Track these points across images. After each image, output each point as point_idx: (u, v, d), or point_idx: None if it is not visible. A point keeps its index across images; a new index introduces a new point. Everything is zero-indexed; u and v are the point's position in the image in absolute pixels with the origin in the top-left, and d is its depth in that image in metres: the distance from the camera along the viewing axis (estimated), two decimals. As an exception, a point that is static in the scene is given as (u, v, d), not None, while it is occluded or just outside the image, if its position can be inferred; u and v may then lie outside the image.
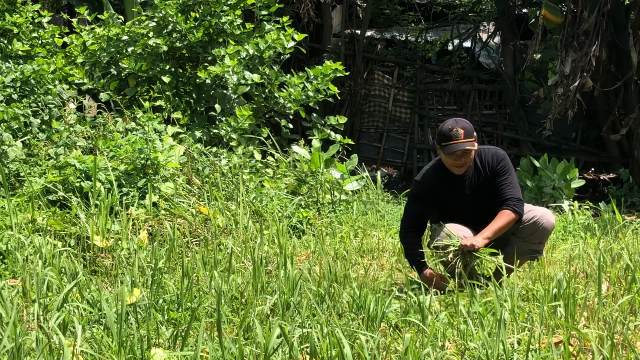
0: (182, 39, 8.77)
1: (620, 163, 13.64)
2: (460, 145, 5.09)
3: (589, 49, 11.59)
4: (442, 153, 5.18)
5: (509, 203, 5.16)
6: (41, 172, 6.89)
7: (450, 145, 5.10)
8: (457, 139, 5.09)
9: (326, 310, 4.41)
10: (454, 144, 5.10)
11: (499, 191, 5.23)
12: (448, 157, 5.16)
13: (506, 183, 5.25)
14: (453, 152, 5.10)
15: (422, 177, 5.34)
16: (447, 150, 5.12)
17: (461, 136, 5.09)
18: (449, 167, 5.24)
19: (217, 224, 6.69)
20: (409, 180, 15.11)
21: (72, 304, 4.48)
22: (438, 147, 5.21)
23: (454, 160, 5.17)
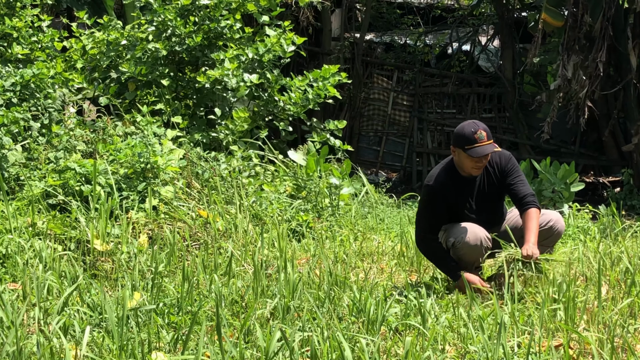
0: (181, 43, 8.78)
1: (619, 166, 13.64)
2: (488, 147, 5.09)
3: (595, 54, 11.60)
4: (463, 156, 5.14)
5: (530, 200, 5.20)
6: (41, 175, 6.89)
7: (475, 148, 5.07)
8: (481, 141, 5.07)
9: (326, 314, 4.42)
10: (479, 146, 5.07)
11: (515, 190, 5.28)
12: (470, 159, 5.14)
13: (519, 181, 5.30)
14: (481, 155, 5.08)
15: (434, 181, 5.27)
16: (473, 153, 5.08)
17: (485, 138, 5.09)
18: (468, 169, 5.22)
19: (217, 227, 6.69)
20: (408, 184, 15.13)
21: (73, 308, 4.48)
22: (458, 149, 5.16)
23: (475, 162, 5.16)
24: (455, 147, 5.18)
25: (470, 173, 5.25)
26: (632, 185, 12.29)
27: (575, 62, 11.63)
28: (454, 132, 5.25)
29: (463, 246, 5.19)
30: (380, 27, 17.17)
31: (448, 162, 5.34)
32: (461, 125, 5.24)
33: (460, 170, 5.27)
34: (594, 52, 11.65)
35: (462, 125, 5.22)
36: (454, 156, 5.25)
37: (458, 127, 5.23)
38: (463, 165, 5.22)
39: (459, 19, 16.50)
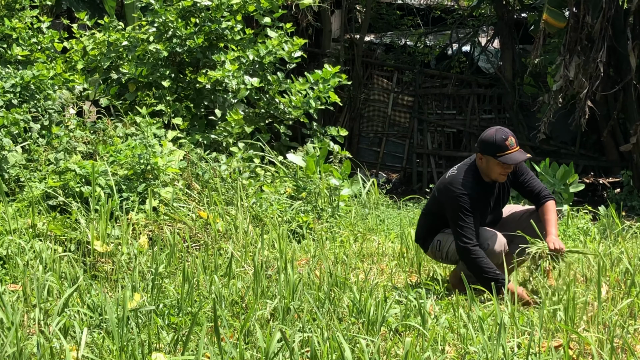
0: (182, 44, 8.78)
1: (619, 167, 13.65)
2: (519, 155, 5.12)
3: (595, 55, 11.60)
4: (493, 163, 5.14)
5: (547, 194, 5.32)
6: (41, 177, 6.90)
7: (507, 155, 5.09)
8: (512, 148, 5.11)
9: (326, 315, 4.42)
10: (512, 153, 5.10)
11: (530, 187, 5.37)
12: (500, 167, 5.15)
13: (531, 177, 5.41)
14: (514, 162, 5.11)
15: (467, 189, 5.18)
16: (506, 160, 5.09)
17: (515, 145, 5.13)
18: (495, 176, 5.23)
19: (217, 228, 6.70)
20: (408, 185, 15.14)
21: (73, 309, 4.49)
22: (487, 156, 5.15)
23: (504, 169, 5.19)
24: (484, 155, 5.17)
25: (496, 179, 5.27)
26: (632, 186, 12.30)
27: (577, 63, 11.63)
28: (481, 139, 5.21)
29: (489, 253, 5.18)
30: (380, 28, 17.18)
31: (470, 168, 5.29)
32: (488, 132, 5.22)
33: (485, 176, 5.28)
34: (594, 53, 11.66)
35: (490, 132, 5.21)
36: (481, 163, 5.23)
37: (486, 135, 5.20)
38: (491, 172, 5.22)
39: (459, 20, 16.51)
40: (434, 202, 5.53)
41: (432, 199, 5.58)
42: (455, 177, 5.29)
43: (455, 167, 5.46)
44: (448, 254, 5.45)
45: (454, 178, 5.28)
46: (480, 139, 5.25)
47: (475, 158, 5.31)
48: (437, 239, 5.52)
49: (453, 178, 5.29)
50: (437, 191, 5.46)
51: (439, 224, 5.50)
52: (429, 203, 5.66)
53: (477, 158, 5.25)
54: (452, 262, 5.53)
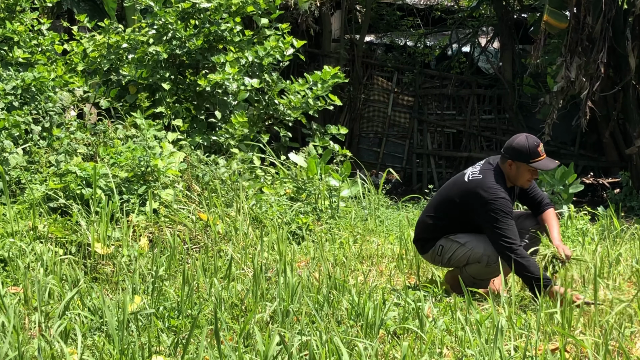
0: (182, 46, 8.81)
1: (619, 167, 13.67)
2: (552, 162, 5.26)
3: (596, 56, 11.63)
4: (525, 169, 5.22)
5: (548, 202, 5.47)
6: (42, 179, 6.93)
7: (541, 161, 5.20)
8: (543, 154, 5.22)
9: (325, 317, 4.45)
10: (544, 160, 5.21)
11: (533, 194, 5.48)
12: (530, 173, 5.25)
13: (534, 185, 5.49)
14: (548, 168, 5.24)
15: (503, 192, 5.19)
16: (540, 166, 5.20)
17: (544, 152, 5.23)
18: (522, 182, 5.31)
19: (217, 230, 6.73)
20: (409, 185, 15.17)
21: (74, 312, 4.52)
22: (519, 163, 5.21)
23: (533, 175, 5.28)
24: (516, 161, 5.23)
25: (522, 185, 5.35)
26: (631, 187, 12.31)
27: (578, 64, 11.65)
28: (513, 147, 5.24)
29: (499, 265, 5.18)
30: (380, 28, 17.20)
31: (498, 174, 5.30)
32: (520, 139, 5.26)
33: (512, 181, 5.33)
34: (595, 54, 11.68)
35: (521, 139, 5.26)
36: (510, 169, 5.27)
37: (517, 142, 5.24)
38: (519, 178, 5.29)
39: (459, 20, 16.53)
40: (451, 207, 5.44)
41: (450, 202, 5.46)
42: (484, 181, 5.25)
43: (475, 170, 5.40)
44: (450, 260, 5.45)
45: (484, 183, 5.24)
46: (511, 146, 5.27)
47: (502, 164, 5.33)
48: (439, 244, 5.50)
49: (483, 183, 5.25)
50: (462, 196, 5.35)
51: (449, 228, 5.48)
52: (443, 206, 5.53)
53: (507, 164, 5.28)
54: (452, 266, 5.57)
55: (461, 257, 5.38)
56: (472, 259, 5.32)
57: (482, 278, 5.38)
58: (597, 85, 11.71)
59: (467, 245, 5.36)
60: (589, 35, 11.80)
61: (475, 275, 5.36)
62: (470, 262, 5.34)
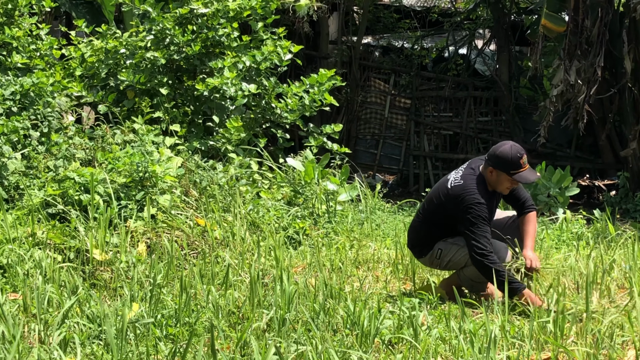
0: (179, 51, 8.85)
1: (615, 169, 13.73)
2: (532, 175, 5.32)
3: (594, 59, 11.68)
4: (505, 178, 5.28)
5: (531, 204, 5.54)
6: (40, 185, 6.97)
7: (522, 173, 5.26)
8: (525, 166, 5.28)
9: (321, 326, 4.50)
10: (526, 172, 5.28)
11: (517, 194, 5.55)
12: (510, 182, 5.31)
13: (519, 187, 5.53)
14: (528, 181, 5.28)
15: (481, 197, 5.28)
16: (520, 179, 5.26)
17: (527, 163, 5.29)
18: (501, 189, 5.38)
19: (215, 236, 6.78)
20: (405, 187, 15.22)
21: (73, 320, 4.57)
22: (500, 171, 5.28)
23: (512, 184, 5.34)
24: (497, 169, 5.29)
25: (501, 191, 5.42)
26: (628, 189, 12.37)
27: (577, 67, 11.70)
28: (496, 155, 5.31)
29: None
30: (377, 30, 17.25)
31: (479, 179, 5.39)
32: (504, 148, 5.32)
33: (492, 187, 5.40)
34: (592, 57, 11.73)
35: (505, 149, 5.31)
36: (490, 176, 5.35)
37: (501, 151, 5.30)
38: (499, 185, 5.36)
39: (456, 22, 16.58)
40: (437, 211, 5.54)
41: (435, 207, 5.55)
42: (465, 187, 5.35)
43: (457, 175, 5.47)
44: (449, 263, 5.52)
45: (465, 188, 5.34)
46: (494, 154, 5.33)
47: (483, 169, 5.40)
48: (437, 247, 5.56)
49: (463, 188, 5.34)
50: (444, 201, 5.45)
51: (441, 232, 5.56)
52: (430, 211, 5.63)
53: (488, 171, 5.35)
54: (450, 269, 5.63)
55: (460, 259, 5.44)
56: (470, 261, 5.36)
57: (479, 280, 5.43)
58: (594, 89, 11.77)
59: (462, 245, 5.41)
60: (588, 39, 11.85)
61: (473, 277, 5.42)
62: (468, 264, 5.40)
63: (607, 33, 11.86)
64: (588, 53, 11.85)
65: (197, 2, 8.90)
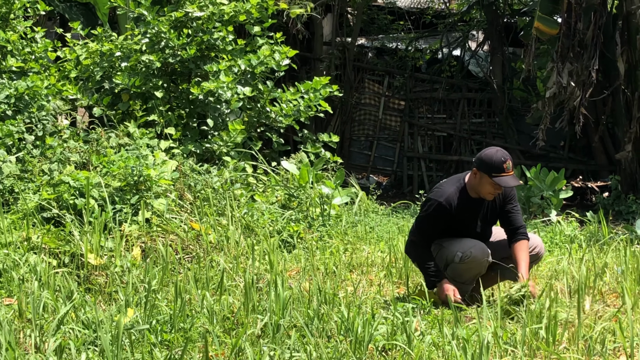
0: (174, 54, 8.87)
1: (607, 171, 13.79)
2: (513, 180, 5.31)
3: (588, 62, 11.74)
4: (487, 181, 5.30)
5: (524, 232, 5.51)
6: (35, 188, 6.98)
7: (503, 177, 5.26)
8: (508, 171, 5.28)
9: (315, 332, 4.53)
10: (507, 177, 5.28)
11: (512, 218, 5.55)
12: (492, 186, 5.32)
13: (517, 210, 5.57)
14: (507, 185, 5.29)
15: (445, 200, 5.37)
16: (500, 182, 5.26)
17: (511, 169, 5.30)
18: (484, 193, 5.39)
19: (209, 240, 6.80)
20: (399, 188, 15.27)
21: (68, 326, 4.58)
22: (482, 174, 5.31)
23: (495, 189, 5.35)
24: (480, 171, 5.32)
25: (484, 197, 5.43)
26: (620, 191, 12.43)
27: (570, 70, 11.75)
28: (480, 157, 5.36)
29: (472, 260, 5.39)
30: (371, 32, 17.29)
31: (460, 182, 5.46)
32: (489, 151, 5.37)
33: (474, 192, 5.43)
34: (586, 60, 11.79)
35: (491, 152, 5.36)
36: (474, 178, 5.39)
37: (486, 154, 5.35)
38: (481, 189, 5.38)
39: (450, 24, 16.63)
40: None
41: None
42: (443, 186, 5.52)
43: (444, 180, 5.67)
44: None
45: (442, 187, 5.51)
46: (479, 156, 5.39)
47: (470, 172, 5.46)
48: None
49: (438, 186, 5.57)
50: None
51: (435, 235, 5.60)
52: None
53: (472, 173, 5.40)
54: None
55: (441, 258, 5.52)
56: (448, 259, 5.47)
57: (462, 280, 5.49)
58: (589, 91, 11.82)
59: (444, 245, 5.51)
60: (580, 42, 11.91)
61: (454, 276, 5.48)
62: (447, 262, 5.48)
63: (601, 36, 11.92)
64: (580, 55, 11.90)
65: (193, 6, 8.92)
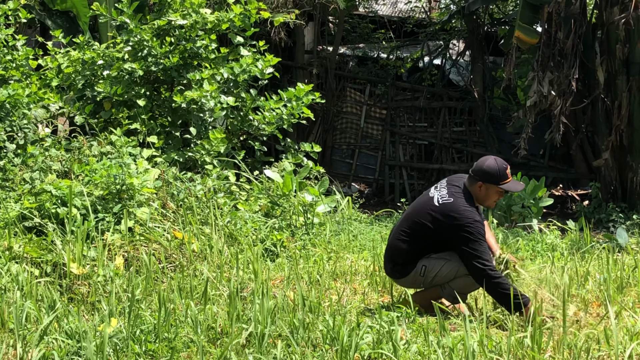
0: (157, 63, 8.84)
1: (587, 179, 13.89)
2: (518, 185, 5.53)
3: (568, 71, 11.83)
4: (494, 190, 5.40)
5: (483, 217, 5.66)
6: (17, 197, 6.92)
7: (509, 183, 5.41)
8: (511, 177, 5.44)
9: (301, 341, 4.51)
10: (513, 182, 5.44)
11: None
12: (499, 194, 5.44)
13: None
14: (515, 190, 5.50)
15: (477, 215, 5.40)
16: (509, 188, 5.41)
17: (510, 174, 5.44)
18: (489, 202, 5.51)
19: (192, 248, 6.76)
20: (381, 197, 15.30)
21: (51, 336, 4.54)
22: (489, 184, 5.38)
23: (500, 196, 5.48)
24: (486, 183, 5.39)
25: (489, 206, 5.55)
26: (601, 199, 12.51)
27: (550, 79, 11.84)
28: (484, 169, 5.40)
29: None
30: (353, 40, 17.35)
31: (468, 196, 5.45)
32: (489, 162, 5.43)
33: (479, 202, 5.51)
34: (567, 69, 11.88)
35: (489, 163, 5.43)
36: (479, 191, 5.44)
37: (488, 165, 5.40)
38: (488, 199, 5.48)
39: (431, 33, 16.71)
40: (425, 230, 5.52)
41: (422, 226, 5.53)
42: (457, 205, 5.39)
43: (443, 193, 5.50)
44: (435, 278, 5.49)
45: (458, 206, 5.38)
46: (481, 169, 5.41)
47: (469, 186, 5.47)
48: (422, 265, 5.55)
49: (456, 207, 5.38)
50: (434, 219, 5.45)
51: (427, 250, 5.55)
52: (416, 230, 5.59)
53: (477, 186, 5.43)
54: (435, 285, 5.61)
55: (448, 272, 5.47)
56: (460, 272, 5.42)
57: (466, 291, 5.51)
58: (570, 100, 11.91)
59: (454, 259, 5.45)
60: (561, 51, 12.00)
61: (460, 289, 5.45)
62: (458, 275, 5.44)
63: (581, 45, 12.01)
64: (561, 64, 12.00)
65: (175, 14, 8.91)
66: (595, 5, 13.06)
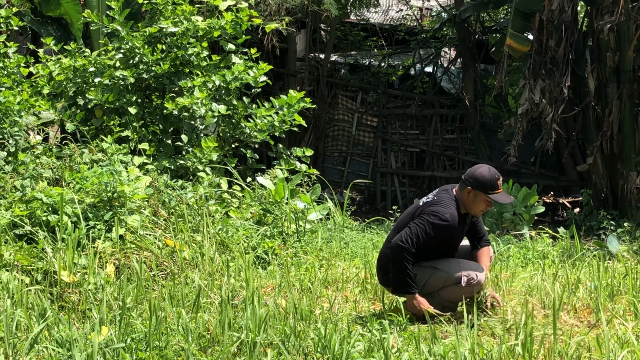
0: (148, 70, 8.84)
1: (578, 186, 13.92)
2: (507, 197, 5.49)
3: (560, 79, 11.87)
4: (482, 198, 5.41)
5: (487, 239, 5.78)
6: (7, 205, 6.90)
7: (498, 194, 5.41)
8: (501, 189, 5.43)
9: (292, 349, 4.51)
10: (501, 194, 5.43)
11: (477, 228, 5.75)
12: (486, 203, 5.43)
13: (480, 220, 5.76)
14: (504, 202, 5.46)
15: (450, 217, 5.39)
16: (498, 199, 5.40)
17: (502, 186, 5.43)
18: (476, 210, 5.50)
19: (184, 256, 6.75)
20: (373, 204, 15.30)
21: (42, 344, 4.53)
22: (477, 192, 5.40)
23: (487, 206, 5.46)
24: (475, 190, 5.41)
25: (475, 214, 5.56)
26: (592, 207, 12.55)
27: (542, 87, 11.88)
28: (476, 175, 5.43)
29: (477, 284, 5.46)
30: (344, 48, 17.38)
31: (453, 200, 5.50)
32: (482, 170, 5.47)
33: (466, 208, 5.52)
34: (558, 77, 11.92)
35: (482, 170, 5.46)
36: (467, 197, 5.46)
37: (480, 172, 5.44)
38: (475, 206, 5.48)
39: (422, 41, 16.75)
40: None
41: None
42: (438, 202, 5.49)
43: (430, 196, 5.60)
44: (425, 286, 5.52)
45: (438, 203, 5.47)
46: (473, 175, 5.45)
47: (458, 191, 5.51)
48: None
49: (436, 203, 5.48)
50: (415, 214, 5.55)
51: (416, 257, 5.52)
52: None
53: (465, 191, 5.45)
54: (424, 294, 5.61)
55: (437, 281, 5.50)
56: (448, 282, 5.45)
57: (455, 301, 5.50)
58: (561, 108, 11.95)
59: (443, 268, 5.49)
60: (552, 58, 12.05)
61: (450, 298, 5.48)
62: (446, 284, 5.47)
63: (572, 53, 12.06)
64: (552, 72, 12.05)
65: (167, 21, 8.91)
66: (586, 13, 13.12)
